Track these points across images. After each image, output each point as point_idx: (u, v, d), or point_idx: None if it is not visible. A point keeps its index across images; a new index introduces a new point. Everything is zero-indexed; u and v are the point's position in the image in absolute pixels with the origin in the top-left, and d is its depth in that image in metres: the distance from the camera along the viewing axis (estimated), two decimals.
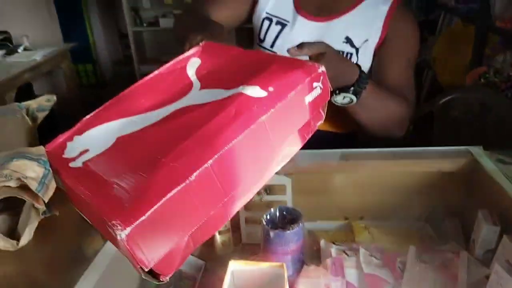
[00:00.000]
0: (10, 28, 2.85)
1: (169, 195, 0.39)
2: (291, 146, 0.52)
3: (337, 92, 0.79)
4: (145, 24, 3.53)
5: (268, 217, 0.71)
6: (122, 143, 0.48)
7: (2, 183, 0.60)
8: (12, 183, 0.61)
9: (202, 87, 0.54)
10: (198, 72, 0.58)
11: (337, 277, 0.66)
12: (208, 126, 0.45)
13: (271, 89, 0.48)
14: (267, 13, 1.06)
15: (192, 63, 0.61)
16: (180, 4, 3.49)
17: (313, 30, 1.00)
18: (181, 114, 0.49)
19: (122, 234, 0.37)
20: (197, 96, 0.52)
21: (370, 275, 0.66)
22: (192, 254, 0.76)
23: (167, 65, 0.61)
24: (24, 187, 0.62)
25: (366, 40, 0.98)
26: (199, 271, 0.75)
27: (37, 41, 2.91)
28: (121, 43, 4.94)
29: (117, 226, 0.37)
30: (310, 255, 0.76)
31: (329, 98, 0.53)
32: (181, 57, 0.62)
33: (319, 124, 0.55)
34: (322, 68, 0.51)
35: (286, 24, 1.03)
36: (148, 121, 0.50)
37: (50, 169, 0.67)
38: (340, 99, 0.81)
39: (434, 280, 0.64)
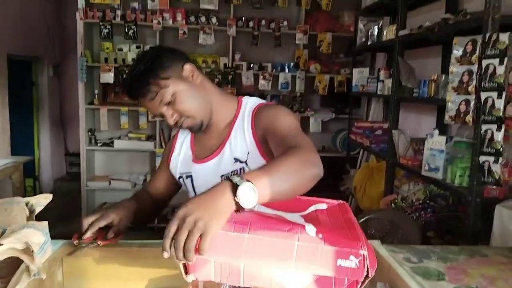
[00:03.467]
0: None
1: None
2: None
3: (236, 198, 0.76)
4: (99, 144, 3.76)
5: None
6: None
7: (12, 244, 0.75)
8: (19, 246, 0.76)
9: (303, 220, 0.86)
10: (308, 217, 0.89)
11: None
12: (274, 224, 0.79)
13: (320, 235, 0.75)
14: (179, 172, 1.28)
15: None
16: (136, 128, 3.82)
17: (211, 168, 1.20)
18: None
19: None
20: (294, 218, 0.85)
21: None
22: None
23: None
24: (25, 251, 0.78)
25: (249, 153, 1.16)
26: None
27: None
28: (67, 160, 5.06)
29: None
30: None
31: (361, 279, 0.74)
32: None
33: None
34: (364, 252, 0.73)
35: (191, 175, 1.25)
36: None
37: (49, 238, 0.83)
38: (246, 199, 0.76)
39: None
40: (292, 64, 3.89)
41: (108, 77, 3.60)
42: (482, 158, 1.67)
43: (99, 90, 3.76)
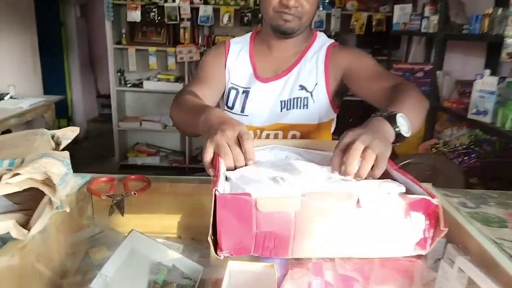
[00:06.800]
0: None
1: None
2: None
3: (397, 128, 0.77)
4: (129, 85, 3.72)
5: None
6: None
7: (31, 174, 0.67)
8: (38, 176, 0.68)
9: None
10: None
11: (317, 277, 0.79)
12: None
13: None
14: (231, 83, 1.21)
15: None
16: (164, 69, 3.75)
17: (273, 89, 1.18)
18: None
19: None
20: None
21: (343, 276, 0.79)
22: (192, 260, 0.87)
23: None
24: (46, 182, 0.70)
25: (316, 84, 1.16)
26: (198, 274, 0.85)
27: (19, 90, 3.02)
28: (98, 102, 5.10)
29: None
30: (295, 261, 0.88)
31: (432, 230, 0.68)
32: None
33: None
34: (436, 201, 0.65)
35: (249, 91, 1.19)
36: None
37: (70, 169, 0.78)
38: (405, 127, 0.78)
39: (396, 280, 0.78)
40: (327, 0, 3.64)
41: (135, 16, 3.48)
42: None
43: (126, 30, 3.66)
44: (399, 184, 0.70)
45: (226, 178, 0.73)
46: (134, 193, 0.91)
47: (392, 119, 0.76)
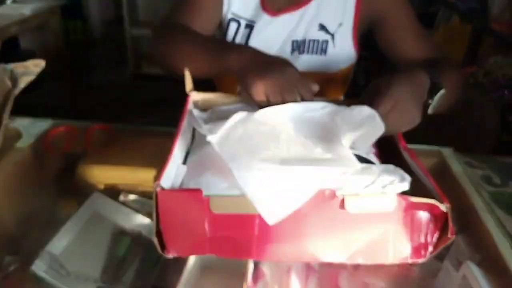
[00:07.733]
0: None
1: None
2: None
3: (430, 101, 0.71)
4: None
5: None
6: None
7: None
8: None
9: None
10: None
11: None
12: None
13: None
14: (233, 13, 0.97)
15: None
16: None
17: (284, 24, 0.95)
18: None
19: None
20: None
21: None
22: None
23: None
24: None
25: (341, 24, 0.93)
26: None
27: None
28: (114, 1, 4.80)
29: None
30: None
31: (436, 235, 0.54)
32: None
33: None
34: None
35: (253, 26, 0.95)
36: None
37: None
38: (436, 102, 0.71)
39: (389, 269, 0.67)
40: None
41: None
42: None
43: None
44: (403, 176, 0.54)
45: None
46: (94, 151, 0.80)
47: (434, 91, 0.69)
